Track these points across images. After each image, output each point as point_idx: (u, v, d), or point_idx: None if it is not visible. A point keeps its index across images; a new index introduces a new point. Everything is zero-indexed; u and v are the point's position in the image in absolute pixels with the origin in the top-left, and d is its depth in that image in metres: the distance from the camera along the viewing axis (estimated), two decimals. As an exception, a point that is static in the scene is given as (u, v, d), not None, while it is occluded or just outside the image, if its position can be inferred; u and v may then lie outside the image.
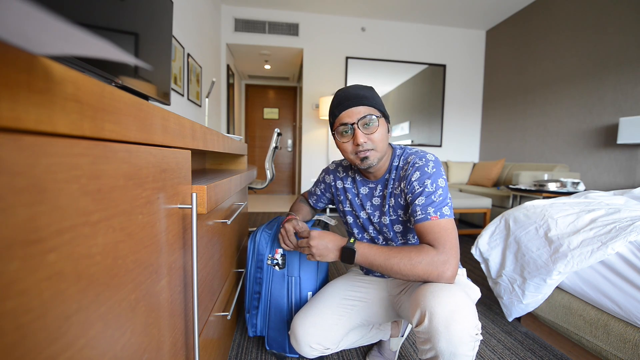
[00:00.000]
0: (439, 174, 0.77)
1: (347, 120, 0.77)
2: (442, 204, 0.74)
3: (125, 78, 0.81)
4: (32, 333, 0.21)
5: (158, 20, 0.99)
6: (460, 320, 0.60)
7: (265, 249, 1.02)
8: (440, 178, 0.77)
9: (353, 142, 0.79)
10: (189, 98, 2.50)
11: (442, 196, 0.74)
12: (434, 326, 0.61)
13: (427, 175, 0.77)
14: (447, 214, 0.73)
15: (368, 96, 0.78)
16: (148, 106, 0.36)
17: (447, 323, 0.60)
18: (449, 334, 0.60)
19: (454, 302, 0.62)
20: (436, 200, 0.74)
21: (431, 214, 0.73)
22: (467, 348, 0.61)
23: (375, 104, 0.79)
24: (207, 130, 0.66)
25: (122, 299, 0.33)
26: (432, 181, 0.76)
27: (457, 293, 0.64)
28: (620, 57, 2.58)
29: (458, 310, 0.61)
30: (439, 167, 0.79)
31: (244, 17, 3.76)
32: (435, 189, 0.75)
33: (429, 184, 0.75)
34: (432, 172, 0.77)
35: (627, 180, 2.52)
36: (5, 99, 0.18)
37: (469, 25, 4.17)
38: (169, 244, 0.46)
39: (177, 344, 0.51)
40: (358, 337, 1.00)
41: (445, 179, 0.78)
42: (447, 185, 0.77)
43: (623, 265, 0.92)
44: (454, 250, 0.70)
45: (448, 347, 0.61)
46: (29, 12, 0.14)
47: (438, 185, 0.75)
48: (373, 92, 0.81)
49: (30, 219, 0.20)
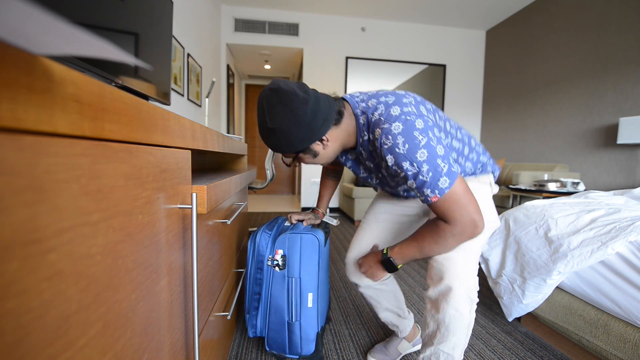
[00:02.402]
0: (414, 146, 0.66)
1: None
2: (436, 179, 0.65)
3: (125, 78, 0.81)
4: (32, 333, 0.21)
5: (158, 20, 0.99)
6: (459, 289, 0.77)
7: (265, 249, 1.02)
8: (417, 151, 0.65)
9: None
10: (189, 98, 2.50)
11: (430, 170, 0.65)
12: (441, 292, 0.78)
13: (401, 157, 0.67)
14: (445, 186, 0.65)
15: (274, 144, 0.75)
16: (148, 106, 0.36)
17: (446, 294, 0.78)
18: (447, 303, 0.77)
19: (463, 277, 0.77)
20: (427, 179, 0.66)
21: (430, 196, 0.67)
22: (466, 310, 0.77)
23: (285, 149, 0.75)
24: (207, 130, 0.66)
25: (122, 299, 0.33)
26: (410, 161, 0.66)
27: (466, 267, 0.78)
28: (620, 57, 2.58)
29: (461, 285, 0.77)
30: (410, 132, 0.67)
31: (244, 17, 3.76)
32: (419, 168, 0.65)
33: (408, 166, 0.66)
34: (405, 149, 0.66)
35: (627, 180, 2.52)
36: (5, 99, 0.18)
37: (469, 25, 4.17)
38: (169, 244, 0.46)
39: (177, 344, 0.51)
40: (393, 309, 1.08)
41: (427, 139, 0.66)
42: (431, 147, 0.66)
43: (623, 265, 0.92)
44: (466, 215, 0.67)
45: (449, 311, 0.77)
46: (29, 12, 0.14)
47: (420, 162, 0.65)
48: (278, 134, 0.72)
49: (30, 219, 0.20)
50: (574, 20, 2.98)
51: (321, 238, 1.00)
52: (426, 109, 0.74)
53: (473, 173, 0.89)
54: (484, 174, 0.91)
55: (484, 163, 0.90)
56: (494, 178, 0.94)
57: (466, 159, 0.86)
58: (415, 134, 0.66)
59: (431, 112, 0.75)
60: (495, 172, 0.94)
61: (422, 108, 0.73)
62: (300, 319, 0.99)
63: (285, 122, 0.70)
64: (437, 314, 0.80)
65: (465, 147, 0.85)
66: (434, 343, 0.81)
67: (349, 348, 1.17)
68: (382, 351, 1.10)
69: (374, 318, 1.39)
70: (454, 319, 0.77)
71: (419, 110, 0.71)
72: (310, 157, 0.79)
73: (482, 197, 0.85)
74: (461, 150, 0.84)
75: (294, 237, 0.99)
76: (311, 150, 0.77)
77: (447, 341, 0.79)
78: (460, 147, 0.83)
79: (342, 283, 1.78)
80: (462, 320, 0.77)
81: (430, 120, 0.71)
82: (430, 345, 0.82)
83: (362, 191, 3.26)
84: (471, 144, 0.87)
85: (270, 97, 0.70)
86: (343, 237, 2.82)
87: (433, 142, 0.66)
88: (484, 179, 0.91)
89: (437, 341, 0.80)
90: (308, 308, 0.99)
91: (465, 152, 0.85)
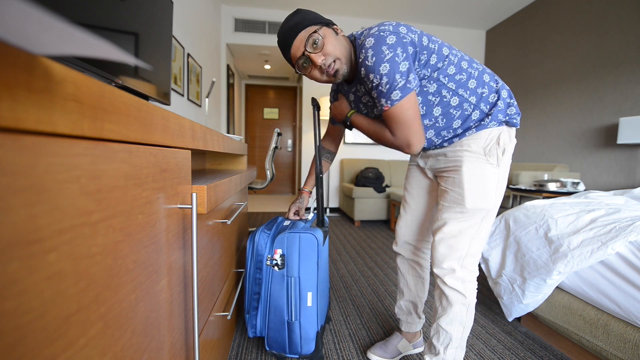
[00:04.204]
0: (380, 60, 0.71)
1: (297, 53, 0.78)
2: (390, 91, 0.72)
3: (125, 78, 0.81)
4: (32, 333, 0.21)
5: (158, 20, 0.99)
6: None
7: (264, 249, 1.02)
8: (381, 64, 0.71)
9: (314, 67, 0.80)
10: (189, 98, 2.50)
11: (388, 83, 0.72)
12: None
13: (369, 68, 0.73)
14: (395, 99, 0.72)
15: (298, 21, 0.77)
16: (148, 106, 0.36)
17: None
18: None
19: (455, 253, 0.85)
20: (384, 90, 0.73)
21: (384, 105, 0.75)
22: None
23: (308, 22, 0.77)
24: (207, 130, 0.66)
25: (122, 299, 0.33)
26: (375, 73, 0.72)
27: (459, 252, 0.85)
28: (620, 57, 2.58)
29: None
30: (379, 46, 0.71)
31: (244, 17, 3.76)
32: (380, 79, 0.72)
33: (372, 77, 0.74)
34: (372, 62, 0.72)
35: (627, 180, 2.52)
36: (5, 99, 0.18)
37: (469, 25, 4.16)
38: (169, 244, 0.46)
39: (177, 344, 0.51)
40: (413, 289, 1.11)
41: (393, 54, 0.71)
42: (394, 62, 0.71)
43: (623, 265, 0.92)
44: (405, 134, 0.76)
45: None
46: (29, 12, 0.14)
47: (381, 74, 0.72)
48: (302, 13, 0.79)
49: (30, 219, 0.20)
50: (574, 20, 2.98)
51: (320, 237, 1.00)
52: (410, 29, 0.75)
53: (480, 118, 0.81)
54: (491, 123, 0.80)
55: (494, 103, 0.81)
56: (510, 131, 0.83)
57: (471, 92, 0.80)
58: (383, 48, 0.71)
59: (416, 33, 0.76)
60: (511, 119, 0.82)
61: (403, 28, 0.74)
62: (299, 318, 0.99)
63: (303, 11, 0.80)
64: (439, 292, 0.89)
65: (472, 80, 0.80)
66: (435, 319, 0.91)
67: (349, 348, 1.17)
68: (381, 348, 1.11)
69: (374, 318, 1.39)
70: (451, 297, 0.86)
71: (396, 28, 0.74)
72: (333, 35, 0.79)
73: (487, 184, 0.81)
74: (464, 82, 0.80)
75: (293, 236, 0.99)
76: (333, 29, 0.81)
77: (444, 316, 0.88)
78: (463, 79, 0.80)
79: (342, 283, 1.78)
80: (459, 298, 0.86)
81: (408, 38, 0.73)
82: (434, 322, 0.92)
83: (362, 191, 3.26)
84: (483, 78, 0.81)
85: (284, 20, 0.81)
86: (343, 237, 2.82)
87: (398, 59, 0.71)
88: (492, 151, 0.81)
89: (437, 316, 0.90)
90: (307, 307, 0.99)
91: (470, 84, 0.80)
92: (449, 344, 0.88)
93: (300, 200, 1.18)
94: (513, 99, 0.83)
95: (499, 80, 0.84)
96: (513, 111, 0.82)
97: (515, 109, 0.83)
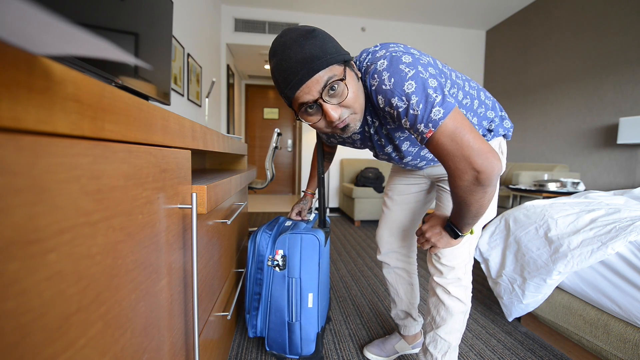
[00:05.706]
0: (401, 79, 0.58)
1: (308, 98, 0.59)
2: (428, 109, 0.56)
3: (125, 78, 0.81)
4: (32, 333, 0.21)
5: (158, 20, 0.99)
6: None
7: (265, 249, 1.02)
8: (404, 83, 0.57)
9: (325, 118, 0.62)
10: (189, 98, 2.50)
11: (420, 102, 0.56)
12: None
13: (388, 93, 0.59)
14: (438, 117, 0.56)
15: (316, 54, 0.57)
16: (148, 106, 0.36)
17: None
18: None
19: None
20: (416, 111, 0.57)
21: (424, 132, 0.58)
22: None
23: (330, 58, 0.58)
24: (207, 130, 0.66)
25: (122, 299, 0.33)
26: (399, 95, 0.58)
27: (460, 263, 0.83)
28: (620, 57, 2.58)
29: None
30: (396, 65, 0.59)
31: (244, 17, 3.76)
32: (408, 101, 0.57)
33: (397, 102, 0.59)
34: (391, 83, 0.58)
35: (627, 180, 2.52)
36: (5, 99, 0.18)
37: (468, 25, 4.16)
38: (169, 244, 0.46)
39: (177, 344, 0.51)
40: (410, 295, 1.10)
41: (415, 71, 0.58)
42: (420, 79, 0.57)
43: (623, 265, 0.92)
44: (470, 153, 0.55)
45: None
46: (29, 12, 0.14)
47: (407, 94, 0.57)
48: (320, 39, 0.59)
49: (30, 219, 0.20)
50: (574, 21, 2.98)
51: (321, 238, 1.00)
52: (420, 53, 0.67)
53: (483, 134, 0.82)
54: (493, 138, 0.83)
55: (491, 119, 0.81)
56: (504, 140, 0.86)
57: (475, 114, 0.78)
58: (402, 67, 0.58)
59: (427, 56, 0.67)
60: (508, 132, 0.84)
61: (414, 50, 0.66)
62: (300, 319, 0.99)
63: (320, 35, 0.60)
64: (437, 301, 0.87)
65: (475, 101, 0.78)
66: (433, 328, 0.88)
67: (349, 348, 1.17)
68: (378, 346, 1.11)
69: (374, 318, 1.39)
70: (452, 307, 0.85)
71: (407, 49, 0.65)
72: (355, 79, 0.63)
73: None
74: (470, 105, 0.76)
75: (294, 237, 0.99)
76: (353, 68, 0.64)
77: (444, 326, 0.86)
78: (468, 103, 0.76)
79: (342, 283, 1.78)
80: (460, 307, 0.85)
81: (424, 60, 0.63)
82: (430, 330, 0.89)
83: (362, 191, 3.26)
84: (481, 97, 0.80)
85: (288, 34, 0.60)
86: (343, 237, 2.82)
87: (423, 75, 0.58)
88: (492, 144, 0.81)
89: (436, 326, 0.88)
90: (308, 308, 0.99)
91: (474, 106, 0.78)
92: (447, 352, 0.87)
93: (304, 201, 1.18)
94: (503, 111, 0.86)
95: (490, 96, 0.85)
96: (508, 125, 0.85)
97: (509, 122, 0.85)
